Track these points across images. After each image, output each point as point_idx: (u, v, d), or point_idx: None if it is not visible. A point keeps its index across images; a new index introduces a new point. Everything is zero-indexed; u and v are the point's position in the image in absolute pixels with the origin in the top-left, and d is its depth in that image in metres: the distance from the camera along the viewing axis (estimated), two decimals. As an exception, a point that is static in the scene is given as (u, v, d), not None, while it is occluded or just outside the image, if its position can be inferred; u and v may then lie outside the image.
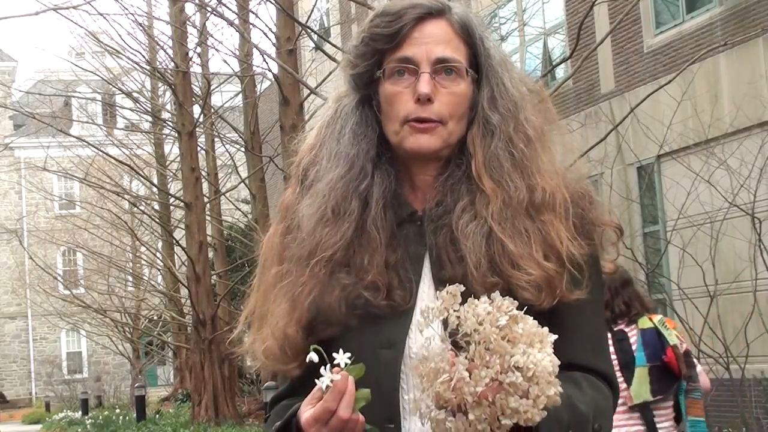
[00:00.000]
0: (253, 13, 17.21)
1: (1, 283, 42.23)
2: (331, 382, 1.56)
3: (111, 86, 24.31)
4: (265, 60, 22.55)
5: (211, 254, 21.27)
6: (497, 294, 1.54)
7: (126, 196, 25.95)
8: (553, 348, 1.54)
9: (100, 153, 22.73)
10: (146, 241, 26.94)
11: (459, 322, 1.51)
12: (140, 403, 19.39)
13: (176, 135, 19.84)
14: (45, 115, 23.42)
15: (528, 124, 1.80)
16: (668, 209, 12.28)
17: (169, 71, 19.65)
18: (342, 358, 1.57)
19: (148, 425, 18.14)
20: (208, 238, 19.97)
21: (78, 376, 38.26)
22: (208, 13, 17.01)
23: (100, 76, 23.95)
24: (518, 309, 1.52)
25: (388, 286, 1.72)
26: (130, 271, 29.05)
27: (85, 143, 22.48)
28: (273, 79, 14.47)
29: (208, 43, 19.27)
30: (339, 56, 10.40)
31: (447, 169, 1.79)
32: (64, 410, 28.09)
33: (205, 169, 21.19)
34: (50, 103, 25.43)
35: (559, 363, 1.68)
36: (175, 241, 22.57)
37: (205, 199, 19.86)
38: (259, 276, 1.86)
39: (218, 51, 35.73)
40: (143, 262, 29.02)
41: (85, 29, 23.10)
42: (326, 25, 23.42)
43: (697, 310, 10.02)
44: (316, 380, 1.58)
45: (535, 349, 1.49)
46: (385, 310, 1.71)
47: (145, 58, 21.19)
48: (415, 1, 1.79)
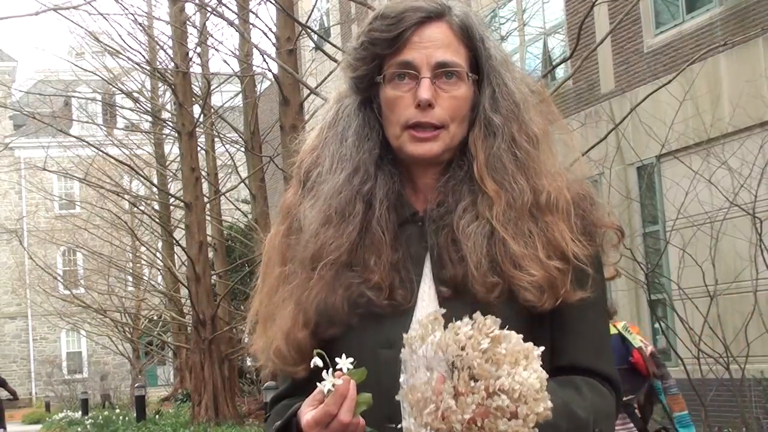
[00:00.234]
0: (253, 13, 17.20)
1: (1, 283, 42.24)
2: (333, 386, 1.56)
3: (111, 86, 24.28)
4: (265, 60, 22.56)
5: (211, 254, 21.26)
6: (478, 314, 1.52)
7: (126, 196, 25.95)
8: (555, 350, 1.53)
9: (100, 153, 22.71)
10: (146, 241, 26.93)
11: (440, 350, 1.50)
12: (140, 403, 19.40)
13: (176, 135, 19.83)
14: (45, 115, 23.39)
15: (531, 124, 1.80)
16: (668, 209, 12.27)
17: (169, 71, 19.63)
18: (344, 363, 1.57)
19: (148, 425, 18.14)
20: (208, 238, 19.96)
21: (78, 376, 38.27)
22: (208, 13, 16.98)
23: (100, 76, 23.92)
24: (502, 327, 1.50)
25: (390, 286, 1.73)
26: (130, 271, 29.05)
27: (85, 143, 22.47)
28: (273, 79, 14.46)
29: (208, 43, 19.25)
30: (339, 56, 10.39)
31: (449, 170, 1.79)
32: (64, 410, 28.09)
33: (205, 169, 21.18)
34: (50, 103, 25.42)
35: (560, 366, 1.68)
36: (175, 241, 22.56)
37: (205, 199, 19.84)
38: (262, 277, 1.86)
39: (218, 51, 35.80)
40: (143, 262, 29.02)
41: (85, 29, 23.05)
42: (326, 25, 23.41)
43: (697, 310, 10.02)
44: (318, 384, 1.58)
45: (521, 367, 1.48)
46: (387, 310, 1.71)
47: (145, 58, 21.17)
48: (415, 4, 1.77)
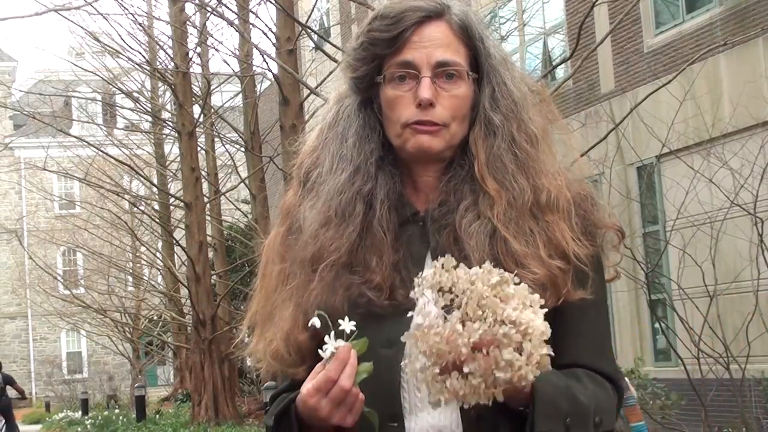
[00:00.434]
0: (253, 13, 17.20)
1: (1, 283, 42.24)
2: (336, 349, 1.57)
3: (111, 86, 24.26)
4: (265, 60, 22.51)
5: (211, 254, 21.26)
6: (487, 262, 1.56)
7: (126, 196, 25.93)
8: (556, 349, 1.53)
9: (100, 153, 22.70)
10: (146, 241, 26.93)
11: (452, 283, 1.52)
12: (140, 403, 19.39)
13: (176, 135, 19.82)
14: (45, 115, 23.40)
15: (530, 123, 1.80)
16: (668, 209, 12.26)
17: (169, 71, 19.62)
18: (347, 325, 1.58)
19: (148, 425, 18.13)
20: (208, 238, 19.95)
21: (78, 376, 38.26)
22: (208, 13, 16.97)
23: (100, 76, 23.91)
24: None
25: (391, 287, 1.73)
26: (130, 271, 29.04)
27: (85, 143, 22.47)
28: (273, 79, 14.46)
29: (208, 43, 19.23)
30: (339, 56, 10.39)
31: (449, 170, 1.79)
32: (64, 410, 28.08)
33: (205, 169, 21.17)
34: (50, 103, 25.41)
35: (561, 365, 1.68)
36: (175, 241, 22.55)
37: (205, 199, 19.84)
38: (261, 277, 1.86)
39: (218, 51, 35.81)
40: (143, 262, 29.01)
41: (85, 29, 23.04)
42: (326, 25, 23.41)
43: (697, 310, 10.00)
44: (320, 350, 1.59)
45: (528, 310, 1.50)
46: (387, 310, 1.71)
47: (145, 58, 21.15)
48: (414, 3, 1.77)
